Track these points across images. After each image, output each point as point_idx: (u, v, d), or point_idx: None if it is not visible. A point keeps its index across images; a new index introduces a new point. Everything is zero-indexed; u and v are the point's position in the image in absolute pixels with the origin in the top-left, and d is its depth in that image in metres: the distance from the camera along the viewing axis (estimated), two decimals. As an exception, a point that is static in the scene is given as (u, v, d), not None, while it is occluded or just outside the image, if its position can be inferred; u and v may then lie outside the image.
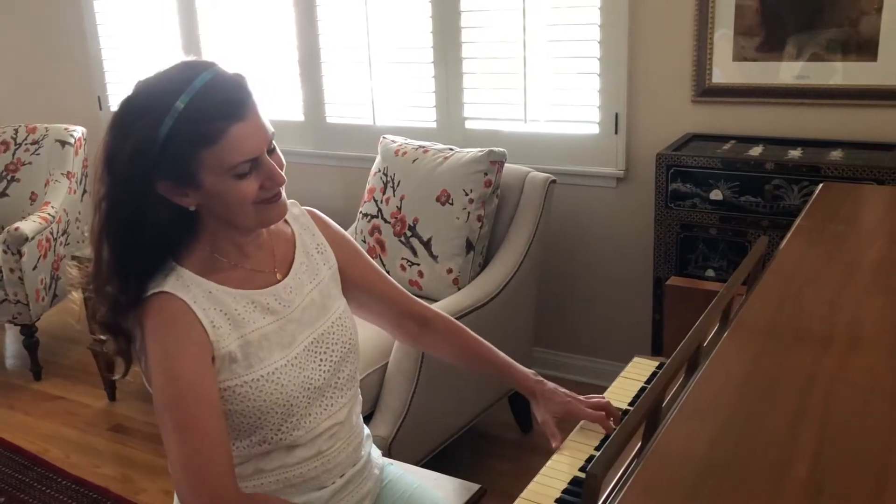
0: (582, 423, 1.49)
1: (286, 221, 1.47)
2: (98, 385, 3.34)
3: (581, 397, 1.51)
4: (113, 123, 1.25)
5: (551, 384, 1.55)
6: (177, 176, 1.24)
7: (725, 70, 2.76)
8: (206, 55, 3.90)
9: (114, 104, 4.36)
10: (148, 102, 1.23)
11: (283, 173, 1.30)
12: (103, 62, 4.32)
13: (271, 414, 1.33)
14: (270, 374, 1.33)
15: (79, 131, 3.85)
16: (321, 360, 1.41)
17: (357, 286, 1.54)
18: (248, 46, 3.74)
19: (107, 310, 1.29)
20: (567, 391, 1.53)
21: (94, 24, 4.27)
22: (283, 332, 1.37)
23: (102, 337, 1.34)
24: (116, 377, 1.39)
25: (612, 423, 1.47)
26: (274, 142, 1.31)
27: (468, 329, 1.64)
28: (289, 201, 1.46)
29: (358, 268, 1.55)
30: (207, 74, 1.23)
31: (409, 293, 1.64)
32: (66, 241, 3.67)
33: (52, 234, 3.55)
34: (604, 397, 1.53)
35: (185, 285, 1.29)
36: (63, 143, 3.78)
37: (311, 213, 1.53)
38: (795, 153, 2.53)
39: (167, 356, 1.25)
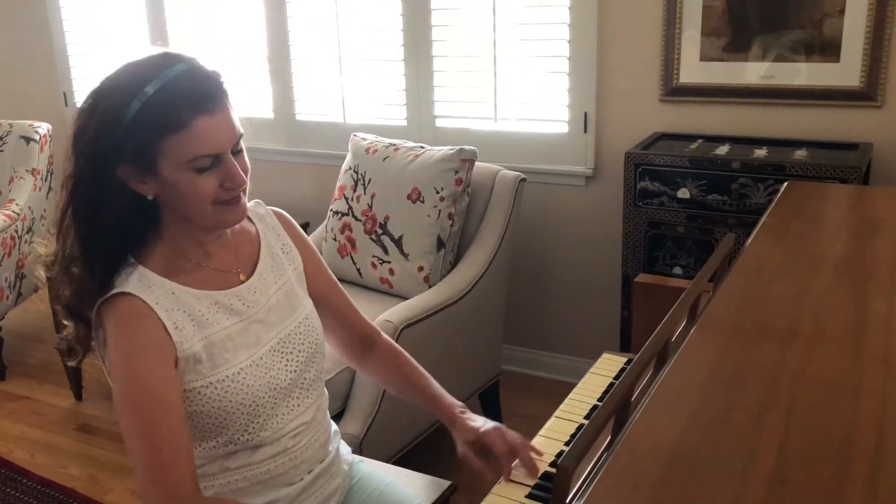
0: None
1: (251, 220, 1.47)
2: (64, 385, 3.30)
3: (502, 429, 1.41)
4: (85, 102, 1.26)
5: (475, 416, 1.48)
6: (137, 161, 1.23)
7: (692, 70, 2.79)
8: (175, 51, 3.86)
9: (80, 100, 4.29)
10: (119, 84, 1.23)
11: (245, 177, 1.29)
12: (69, 58, 4.26)
13: (237, 415, 1.33)
14: (235, 375, 1.32)
15: (44, 128, 3.79)
16: (287, 360, 1.40)
17: (314, 296, 1.52)
18: (218, 43, 3.71)
19: (71, 293, 1.29)
20: (488, 421, 1.45)
21: (59, 19, 4.22)
22: (247, 332, 1.36)
23: (65, 322, 1.34)
24: (72, 363, 1.39)
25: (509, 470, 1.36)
26: (242, 144, 1.29)
27: (408, 355, 1.62)
28: (253, 201, 1.46)
29: (319, 277, 1.55)
30: (183, 66, 1.24)
31: (360, 312, 1.63)
32: (30, 239, 3.62)
33: (16, 231, 3.50)
34: (520, 438, 1.41)
35: (148, 286, 1.28)
36: (28, 140, 3.72)
37: (276, 213, 1.52)
38: (761, 152, 2.57)
39: (128, 361, 1.25)
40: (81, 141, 1.24)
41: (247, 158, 1.31)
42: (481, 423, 1.45)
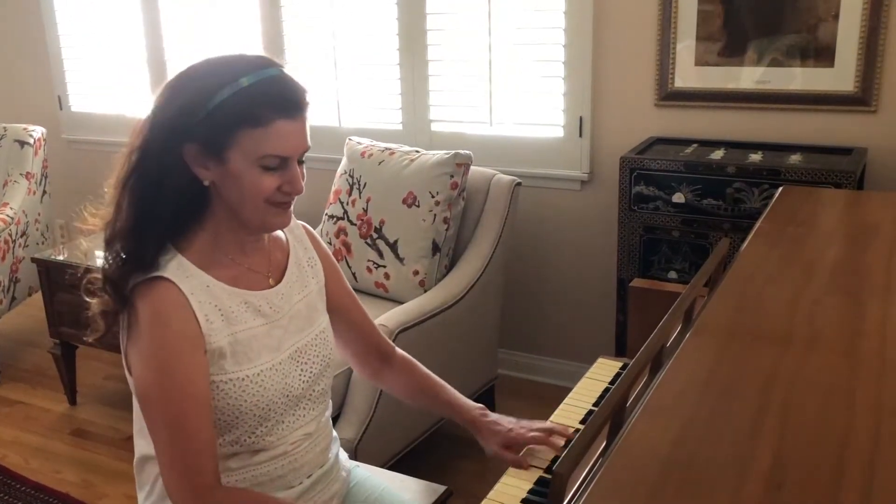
0: (526, 448, 1.45)
1: (282, 231, 1.49)
2: (58, 389, 3.29)
3: (524, 422, 1.48)
4: (171, 81, 1.29)
5: (494, 415, 1.52)
6: (208, 144, 1.26)
7: (688, 75, 2.80)
8: (169, 54, 3.87)
9: (75, 104, 4.30)
10: (213, 70, 1.27)
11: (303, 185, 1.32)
12: (63, 61, 4.25)
13: (248, 415, 1.34)
14: (256, 376, 1.34)
15: (38, 131, 3.78)
16: (302, 370, 1.42)
17: (334, 310, 1.55)
18: (213, 47, 3.71)
19: (114, 264, 1.30)
20: (511, 419, 1.50)
21: (54, 22, 4.21)
22: (270, 336, 1.38)
23: (89, 298, 1.35)
24: (90, 339, 1.39)
25: (558, 441, 1.43)
26: (305, 157, 1.33)
27: (421, 365, 1.65)
28: None
29: (338, 291, 1.57)
30: (278, 70, 1.29)
31: (376, 326, 1.66)
32: (25, 243, 3.61)
33: (10, 235, 3.49)
34: (547, 422, 1.48)
35: (186, 275, 1.30)
36: (22, 144, 3.71)
37: (304, 227, 1.56)
38: (756, 157, 2.58)
39: (161, 351, 1.26)
40: (161, 114, 1.27)
41: (305, 171, 1.34)
42: (506, 424, 1.48)
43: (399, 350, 1.66)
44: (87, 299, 1.35)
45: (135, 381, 1.31)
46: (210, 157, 1.27)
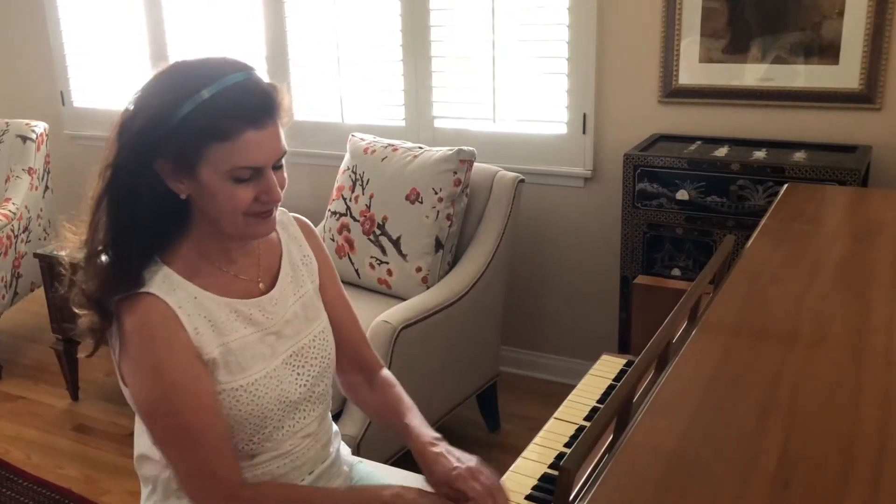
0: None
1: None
2: (60, 385, 3.28)
3: (475, 467, 1.28)
4: (137, 94, 1.25)
5: (445, 447, 1.35)
6: (178, 160, 1.22)
7: (692, 71, 2.79)
8: (173, 52, 3.86)
9: (77, 100, 4.30)
10: (175, 82, 1.23)
11: (281, 192, 1.28)
12: (66, 57, 4.25)
13: (244, 425, 1.32)
14: (249, 385, 1.31)
15: (41, 127, 3.78)
16: (299, 374, 1.39)
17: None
18: (216, 44, 3.70)
19: (96, 282, 1.26)
20: (467, 457, 1.32)
21: (56, 18, 4.20)
22: (262, 343, 1.35)
23: (79, 311, 1.31)
24: (82, 355, 1.36)
25: None
26: (283, 160, 1.29)
27: (401, 388, 1.53)
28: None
29: (331, 297, 1.52)
30: (241, 75, 1.24)
31: (366, 337, 1.59)
32: (27, 239, 3.61)
33: (12, 231, 3.49)
34: (496, 480, 1.27)
35: (172, 288, 1.27)
36: (24, 139, 3.71)
37: (298, 220, 1.51)
38: (760, 154, 2.57)
39: (158, 367, 1.23)
40: (127, 131, 1.23)
41: (285, 174, 1.31)
42: (454, 461, 1.30)
43: (385, 371, 1.57)
44: (77, 311, 1.32)
45: (133, 396, 1.28)
46: (183, 173, 1.23)
